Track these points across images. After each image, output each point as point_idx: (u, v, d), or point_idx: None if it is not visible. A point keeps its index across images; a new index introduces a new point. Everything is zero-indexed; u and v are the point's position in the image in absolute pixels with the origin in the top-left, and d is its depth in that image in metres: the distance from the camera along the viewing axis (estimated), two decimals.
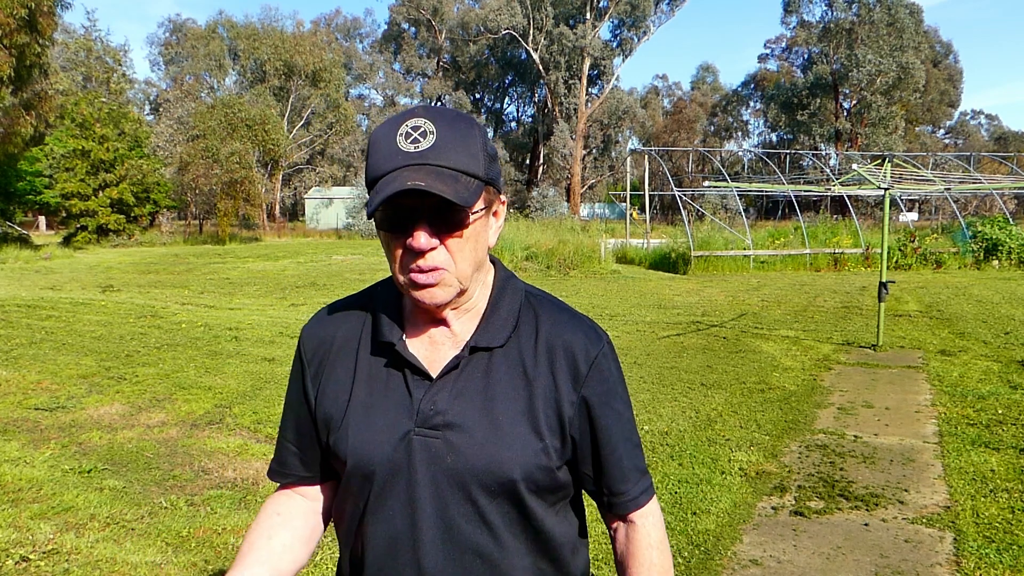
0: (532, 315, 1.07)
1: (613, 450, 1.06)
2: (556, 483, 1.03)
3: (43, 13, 21.62)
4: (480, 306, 1.06)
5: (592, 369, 1.04)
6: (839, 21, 47.76)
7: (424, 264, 0.95)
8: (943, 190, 13.32)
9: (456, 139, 0.95)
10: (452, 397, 1.00)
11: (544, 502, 1.03)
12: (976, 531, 3.48)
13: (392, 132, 0.97)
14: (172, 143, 38.08)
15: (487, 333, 1.03)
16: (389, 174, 0.94)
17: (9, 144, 24.97)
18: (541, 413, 1.01)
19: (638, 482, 1.08)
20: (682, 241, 18.79)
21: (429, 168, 0.92)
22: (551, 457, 1.01)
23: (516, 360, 1.03)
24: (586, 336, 1.05)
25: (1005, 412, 5.41)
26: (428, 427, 0.99)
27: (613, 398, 1.06)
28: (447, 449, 0.98)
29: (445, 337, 1.05)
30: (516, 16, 49.27)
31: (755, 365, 7.22)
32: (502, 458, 0.98)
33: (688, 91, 70.33)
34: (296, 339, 4.73)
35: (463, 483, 0.98)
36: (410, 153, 0.94)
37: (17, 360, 7.31)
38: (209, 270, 19.58)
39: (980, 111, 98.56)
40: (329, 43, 54.11)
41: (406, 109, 1.01)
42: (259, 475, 4.32)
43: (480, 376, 1.02)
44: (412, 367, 1.02)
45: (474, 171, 0.95)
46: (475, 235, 0.99)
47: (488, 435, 0.99)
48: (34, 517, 3.66)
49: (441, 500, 0.99)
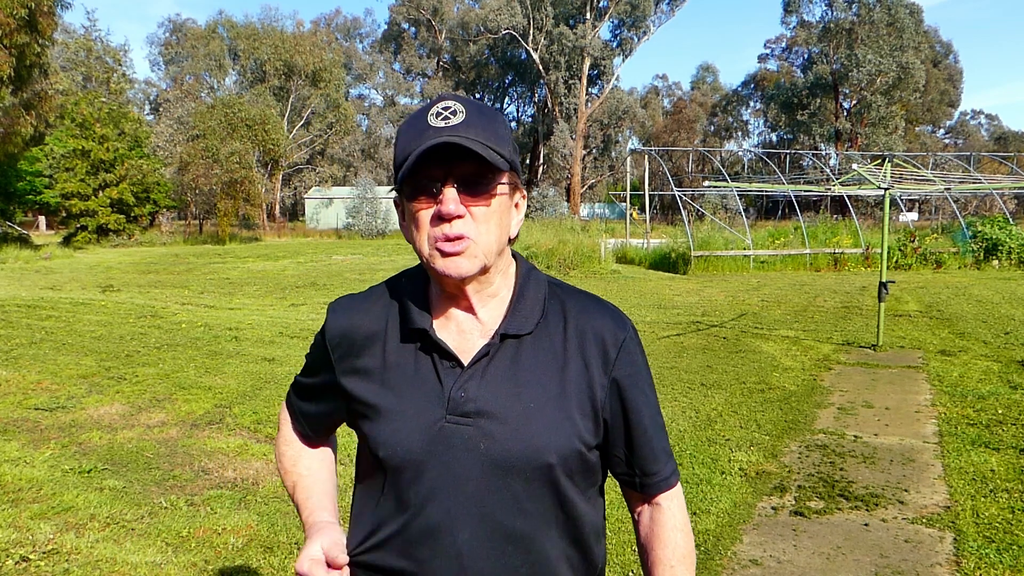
0: (559, 303, 1.09)
1: (644, 431, 1.08)
2: (589, 467, 1.05)
3: (43, 13, 21.62)
4: (505, 295, 1.08)
5: (621, 352, 1.06)
6: (839, 21, 47.76)
7: (451, 231, 0.97)
8: (943, 190, 13.33)
9: (485, 121, 0.99)
10: (483, 384, 1.01)
11: (578, 487, 1.04)
12: (976, 531, 3.48)
13: (422, 114, 1.01)
14: (172, 143, 38.09)
15: (516, 320, 1.05)
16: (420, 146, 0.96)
17: (9, 144, 24.97)
18: (573, 397, 1.02)
19: (667, 463, 1.10)
20: (682, 241, 18.79)
21: (462, 138, 0.96)
22: (584, 440, 1.02)
23: (546, 346, 1.04)
24: (613, 321, 1.08)
25: (1005, 412, 5.41)
26: (459, 414, 1.00)
27: (641, 380, 1.08)
28: (480, 436, 0.99)
29: (473, 326, 1.06)
30: (516, 16, 49.27)
31: (755, 365, 7.22)
32: (537, 443, 0.99)
33: (688, 91, 70.37)
34: (296, 339, 4.77)
35: (499, 470, 0.99)
36: (441, 128, 0.97)
37: (17, 360, 7.31)
38: (209, 270, 19.58)
39: (980, 111, 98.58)
40: (329, 43, 54.14)
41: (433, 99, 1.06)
42: (259, 475, 4.32)
43: (509, 363, 1.03)
44: (443, 353, 1.03)
45: (500, 150, 0.99)
46: (500, 211, 1.01)
47: (521, 421, 1.00)
48: (34, 517, 3.66)
49: (477, 488, 0.99)
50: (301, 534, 3.49)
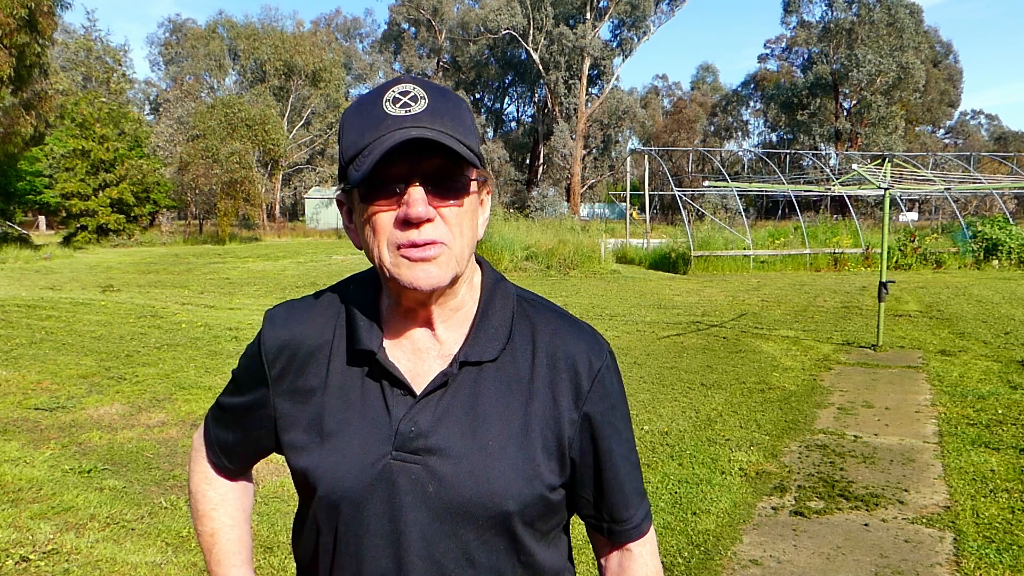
0: (528, 323, 0.95)
1: (615, 472, 0.95)
2: (551, 509, 0.93)
3: (43, 13, 21.62)
4: (468, 309, 0.94)
5: (595, 384, 0.93)
6: (839, 21, 47.77)
7: (419, 237, 0.84)
8: (943, 190, 13.33)
9: (449, 109, 0.87)
10: (436, 417, 0.88)
11: (538, 533, 0.92)
12: (976, 531, 3.48)
13: (376, 99, 0.86)
14: (172, 143, 38.11)
15: (478, 345, 0.91)
16: (380, 138, 0.82)
17: (9, 144, 24.98)
18: (538, 435, 0.90)
19: (639, 507, 0.98)
20: (682, 241, 18.79)
21: (426, 130, 0.82)
22: (548, 483, 0.90)
23: (511, 375, 0.91)
24: (588, 347, 0.94)
25: (1005, 412, 5.41)
26: (407, 451, 0.87)
27: (615, 415, 0.95)
28: (428, 477, 0.86)
29: (430, 345, 0.93)
30: (516, 16, 49.28)
31: (755, 365, 7.22)
32: (494, 488, 0.86)
33: (688, 91, 70.38)
34: None
35: (447, 516, 0.87)
36: (402, 117, 0.83)
37: (17, 360, 7.31)
38: (209, 270, 19.58)
39: (980, 111, 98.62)
40: (329, 43, 54.15)
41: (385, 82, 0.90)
42: (259, 475, 4.32)
43: (468, 393, 0.89)
44: (393, 380, 0.90)
45: (468, 143, 0.86)
46: (471, 211, 0.89)
47: (477, 462, 0.87)
48: (34, 517, 3.66)
49: (423, 535, 0.87)
50: None
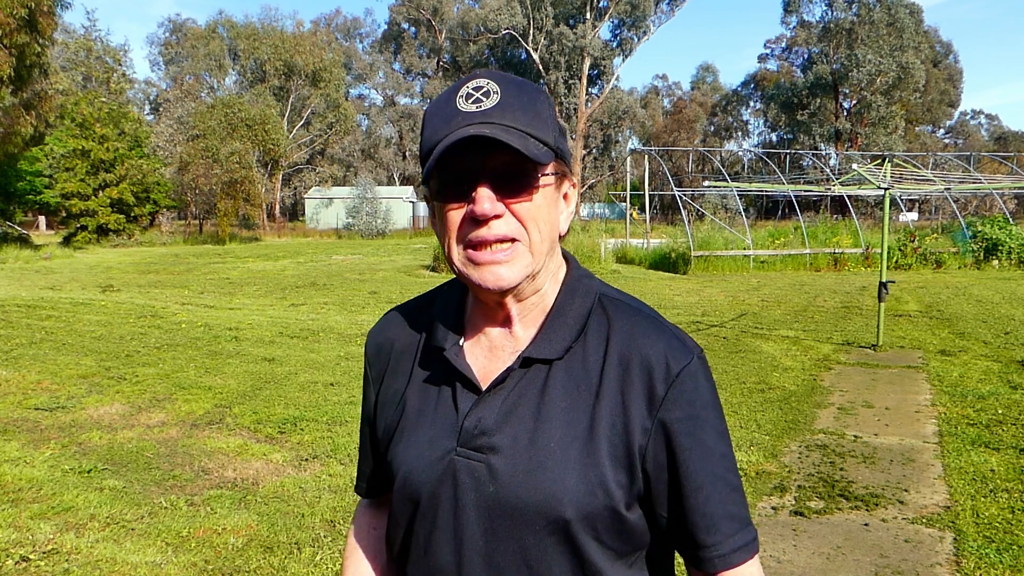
0: (604, 321, 0.90)
1: (698, 490, 0.85)
2: (623, 527, 0.85)
3: (43, 13, 21.63)
4: (547, 305, 0.92)
5: (673, 388, 0.85)
6: (839, 21, 47.78)
7: (487, 235, 0.83)
8: (943, 190, 13.33)
9: (524, 102, 0.84)
10: (501, 415, 0.86)
11: (609, 550, 0.85)
12: (976, 531, 3.48)
13: (451, 97, 0.85)
14: (172, 143, 38.12)
15: (544, 342, 0.88)
16: (447, 136, 0.82)
17: (9, 144, 24.98)
18: (604, 440, 0.84)
19: (732, 535, 0.86)
20: (682, 241, 18.79)
21: (495, 126, 0.81)
22: (614, 494, 0.83)
23: (579, 375, 0.87)
24: (668, 347, 0.87)
25: (1005, 412, 5.41)
26: (471, 448, 0.86)
27: (700, 426, 0.86)
28: (489, 476, 0.85)
29: (505, 342, 0.91)
30: (516, 16, 49.29)
31: (755, 365, 7.22)
32: (551, 492, 0.82)
33: (688, 91, 70.40)
34: (296, 339, 4.81)
35: (505, 518, 0.84)
36: (471, 113, 0.82)
37: (17, 360, 7.31)
38: (209, 270, 19.59)
39: (980, 111, 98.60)
40: (329, 43, 54.18)
41: (464, 77, 0.89)
42: (259, 475, 4.32)
43: (536, 393, 0.87)
44: (462, 376, 0.90)
45: (543, 137, 0.84)
46: (547, 205, 0.86)
47: (536, 463, 0.83)
48: (34, 517, 3.66)
49: (484, 534, 0.85)
50: (301, 534, 3.50)
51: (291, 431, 5.13)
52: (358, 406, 5.74)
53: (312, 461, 4.54)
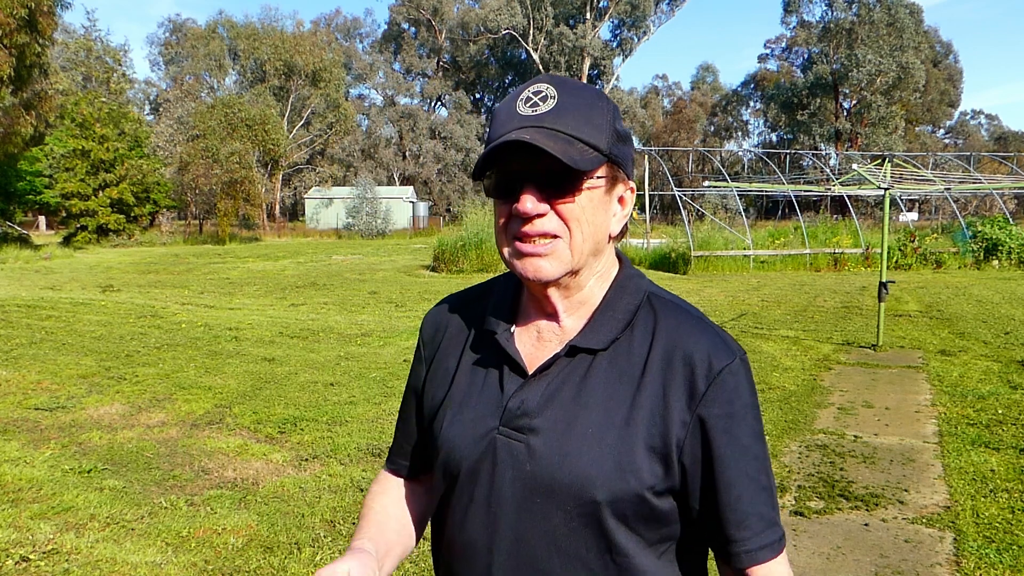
0: (651, 318, 0.94)
1: (730, 487, 0.88)
2: (654, 515, 0.89)
3: (43, 13, 21.63)
4: (595, 301, 0.96)
5: (714, 385, 0.88)
6: (839, 21, 47.79)
7: (531, 230, 0.88)
8: (943, 190, 13.34)
9: (579, 106, 0.89)
10: (544, 399, 0.91)
11: (638, 537, 0.89)
12: (976, 531, 3.48)
13: (514, 99, 0.91)
14: (172, 143, 38.13)
15: (591, 333, 0.93)
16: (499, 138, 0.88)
17: (9, 144, 24.98)
18: (642, 429, 0.88)
19: (760, 532, 0.89)
20: (682, 241, 18.79)
21: (544, 130, 0.86)
22: (646, 482, 0.87)
23: (623, 366, 0.91)
24: (712, 346, 0.90)
25: (1005, 412, 5.41)
26: (512, 427, 0.91)
27: (738, 425, 0.89)
28: (527, 456, 0.89)
29: (553, 333, 0.96)
30: (516, 16, 49.30)
31: (755, 365, 7.22)
32: (585, 474, 0.86)
33: (688, 91, 70.39)
34: (296, 339, 4.81)
35: (538, 496, 0.88)
36: (527, 116, 0.88)
37: (17, 360, 7.31)
38: (209, 270, 19.59)
39: (980, 111, 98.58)
40: (329, 43, 54.17)
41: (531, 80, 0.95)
42: (259, 475, 4.32)
43: (579, 380, 0.91)
44: (510, 360, 0.95)
45: (594, 142, 0.88)
46: (592, 207, 0.90)
47: (573, 446, 0.88)
48: (34, 517, 3.66)
49: (516, 511, 0.90)
50: (301, 534, 3.49)
51: (291, 431, 5.13)
52: (358, 406, 5.74)
53: (312, 461, 4.54)
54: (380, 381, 6.59)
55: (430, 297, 12.88)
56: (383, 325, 9.86)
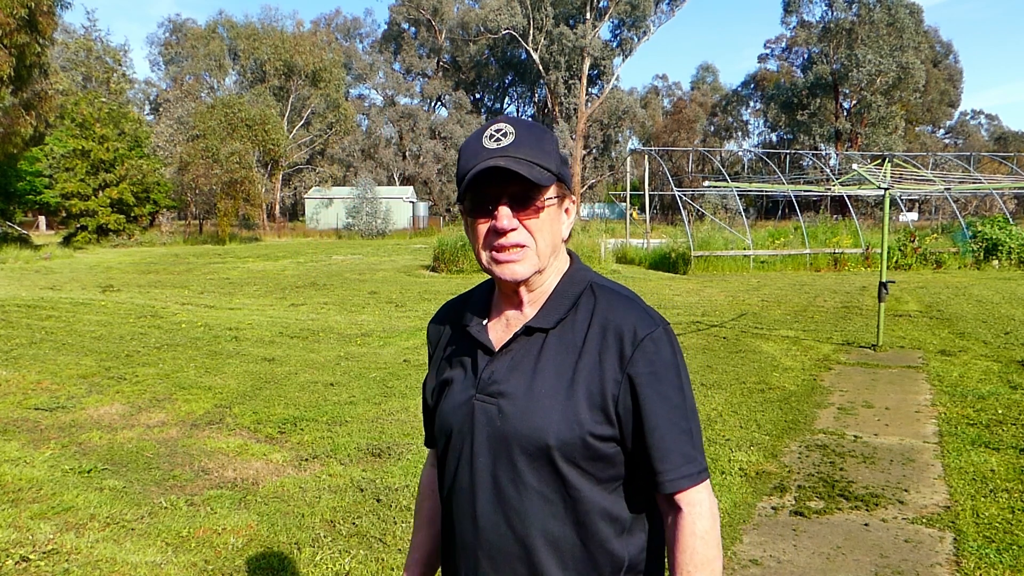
0: (591, 300, 1.16)
1: (654, 430, 1.09)
2: (598, 456, 1.09)
3: (43, 13, 21.62)
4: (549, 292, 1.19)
5: (638, 350, 1.09)
6: (839, 21, 47.77)
7: (506, 242, 1.10)
8: (943, 190, 13.33)
9: (532, 139, 1.12)
10: (508, 369, 1.14)
11: (587, 475, 1.10)
12: (976, 531, 3.47)
13: (479, 136, 1.13)
14: (172, 143, 38.11)
15: (543, 316, 1.16)
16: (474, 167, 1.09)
17: (9, 144, 24.97)
18: (583, 388, 1.09)
19: (680, 466, 1.09)
20: (682, 241, 18.79)
21: (509, 158, 1.08)
22: (588, 429, 1.08)
23: (568, 340, 1.13)
24: (638, 319, 1.12)
25: (1005, 412, 5.41)
26: (486, 393, 1.14)
27: (660, 380, 1.09)
28: (497, 414, 1.12)
29: (517, 320, 1.18)
30: (516, 16, 49.28)
31: (755, 365, 7.22)
32: (538, 425, 1.08)
33: (688, 91, 70.36)
34: (296, 339, 4.86)
35: (507, 445, 1.10)
36: (492, 148, 1.10)
37: (17, 360, 7.31)
38: (209, 270, 19.59)
39: (980, 111, 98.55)
40: (329, 43, 54.14)
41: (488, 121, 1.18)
42: (259, 475, 4.32)
43: (534, 353, 1.14)
44: (481, 345, 1.18)
45: (547, 165, 1.11)
46: (550, 220, 1.13)
47: (529, 404, 1.10)
48: (34, 517, 3.66)
49: (491, 459, 1.12)
50: (301, 534, 3.50)
51: (291, 431, 5.13)
52: (358, 406, 5.76)
53: (312, 461, 4.54)
54: (380, 381, 6.59)
55: (430, 297, 12.88)
56: (383, 325, 9.86)
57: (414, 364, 7.28)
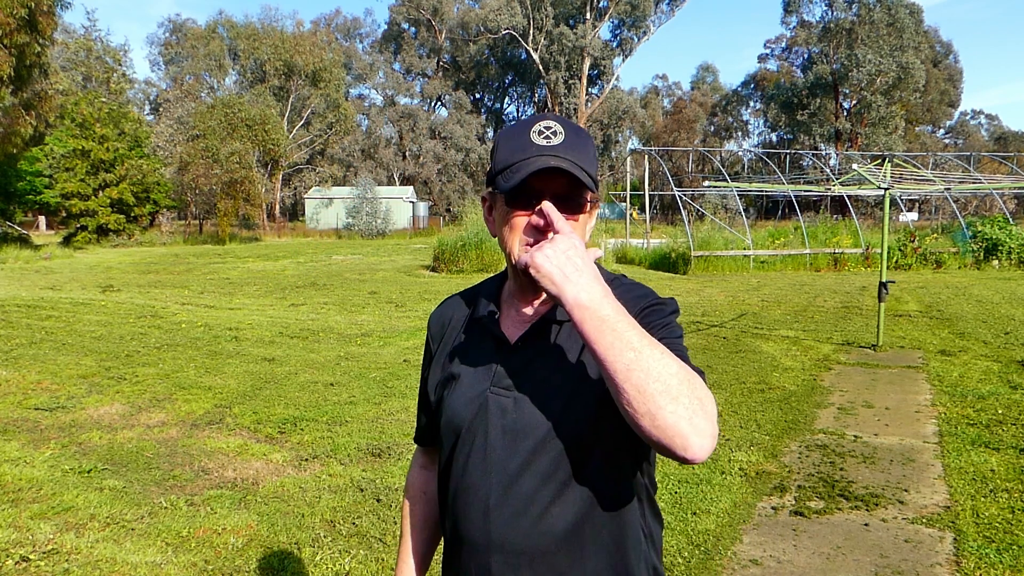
0: None
1: None
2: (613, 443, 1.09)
3: (43, 13, 21.62)
4: None
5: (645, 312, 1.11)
6: (839, 21, 47.77)
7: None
8: (943, 190, 13.33)
9: (580, 143, 1.12)
10: (524, 363, 1.15)
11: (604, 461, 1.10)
12: (976, 531, 3.47)
13: (524, 130, 1.13)
14: (172, 143, 38.09)
15: (555, 309, 1.16)
16: (525, 160, 1.08)
17: (9, 144, 24.98)
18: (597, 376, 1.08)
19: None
20: (682, 241, 18.78)
21: (565, 160, 1.08)
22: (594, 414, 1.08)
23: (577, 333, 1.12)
24: (642, 295, 1.16)
25: (1005, 412, 5.41)
26: (501, 387, 1.14)
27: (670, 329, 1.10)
28: (513, 406, 1.12)
29: (532, 313, 1.20)
30: (516, 16, 49.29)
31: (755, 365, 7.22)
32: (556, 416, 1.10)
33: (688, 91, 70.36)
34: (296, 339, 4.84)
35: (520, 436, 1.11)
36: (543, 146, 1.09)
37: (17, 360, 7.31)
38: (209, 270, 19.59)
39: (980, 111, 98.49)
40: (329, 43, 54.13)
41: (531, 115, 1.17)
42: (259, 475, 4.32)
43: (551, 345, 1.15)
44: (495, 338, 1.18)
45: (591, 171, 1.12)
46: (585, 222, 1.15)
47: (543, 397, 1.11)
48: (34, 517, 3.66)
49: (505, 450, 1.11)
50: (301, 534, 3.50)
51: (291, 431, 5.13)
52: (358, 406, 5.75)
53: (312, 461, 4.54)
54: (380, 381, 6.59)
55: (430, 297, 12.88)
56: (383, 325, 9.86)
57: (414, 364, 7.28)
